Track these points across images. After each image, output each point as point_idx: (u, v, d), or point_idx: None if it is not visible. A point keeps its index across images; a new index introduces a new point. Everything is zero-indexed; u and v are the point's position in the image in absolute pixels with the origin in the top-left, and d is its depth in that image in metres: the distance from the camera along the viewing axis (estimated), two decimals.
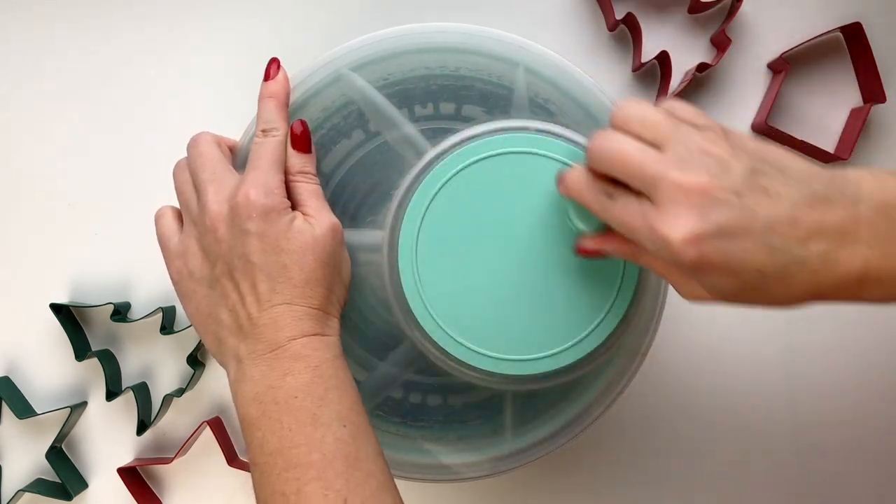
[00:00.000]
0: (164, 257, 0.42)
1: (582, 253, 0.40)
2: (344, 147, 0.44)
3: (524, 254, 0.40)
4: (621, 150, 0.34)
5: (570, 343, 0.40)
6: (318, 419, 0.37)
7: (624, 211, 0.35)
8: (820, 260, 0.32)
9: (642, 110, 0.35)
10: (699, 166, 0.33)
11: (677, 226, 0.32)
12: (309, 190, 0.41)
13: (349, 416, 0.38)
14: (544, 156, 0.40)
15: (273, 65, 0.43)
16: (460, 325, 0.40)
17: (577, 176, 0.37)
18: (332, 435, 0.37)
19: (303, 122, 0.42)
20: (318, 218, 0.40)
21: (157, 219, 0.42)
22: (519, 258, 0.40)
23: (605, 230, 0.38)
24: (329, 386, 0.38)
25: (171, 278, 0.41)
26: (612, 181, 0.35)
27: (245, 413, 0.38)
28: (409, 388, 0.46)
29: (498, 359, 0.40)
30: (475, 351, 0.40)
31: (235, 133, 0.45)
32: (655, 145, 0.34)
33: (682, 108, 0.35)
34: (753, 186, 0.32)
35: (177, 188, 0.42)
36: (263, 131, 0.41)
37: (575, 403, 0.45)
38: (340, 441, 0.37)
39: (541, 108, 0.43)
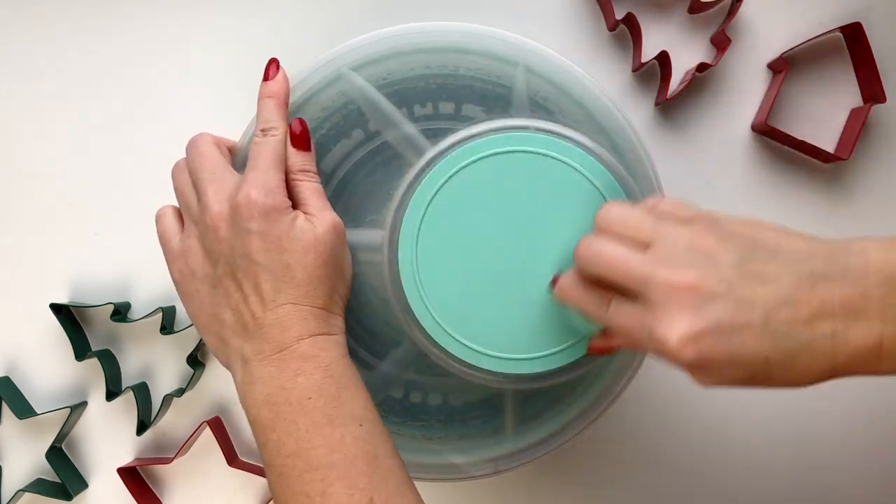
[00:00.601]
0: (166, 257, 0.42)
1: (593, 352, 0.40)
2: (344, 146, 0.44)
3: (524, 252, 0.40)
4: (605, 254, 0.34)
5: (570, 342, 0.40)
6: (334, 419, 0.37)
7: (620, 317, 0.35)
8: (829, 341, 0.31)
9: (623, 211, 0.35)
10: (686, 263, 0.32)
11: (673, 327, 0.32)
12: (310, 188, 0.41)
13: (364, 415, 0.38)
14: (544, 155, 0.40)
15: (272, 65, 0.43)
16: (460, 324, 0.40)
17: (570, 283, 0.37)
18: (350, 434, 0.37)
19: (301, 121, 0.42)
20: (319, 216, 0.40)
21: (158, 218, 0.42)
22: (520, 256, 0.40)
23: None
24: (341, 385, 0.38)
25: (173, 278, 0.41)
26: (605, 285, 0.35)
27: (257, 415, 0.38)
28: (410, 387, 0.46)
29: (498, 358, 0.40)
30: (475, 350, 0.40)
31: (236, 133, 0.45)
32: (641, 245, 0.34)
33: (666, 202, 0.35)
34: (746, 274, 0.32)
35: (176, 188, 0.42)
36: (263, 131, 0.41)
37: (576, 402, 0.45)
38: (359, 440, 0.37)
39: (540, 108, 0.43)
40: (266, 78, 0.43)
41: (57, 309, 0.53)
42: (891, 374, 0.32)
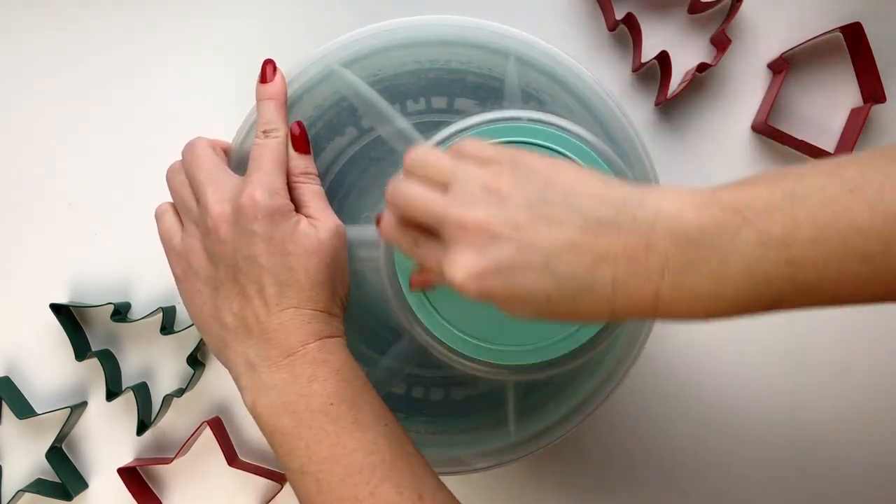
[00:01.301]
0: (168, 256, 0.42)
1: (413, 288, 0.40)
2: (338, 143, 0.44)
3: None
4: (407, 194, 0.35)
5: (569, 331, 0.40)
6: (360, 423, 0.37)
7: (427, 254, 0.35)
8: (609, 286, 0.31)
9: (425, 154, 0.35)
10: (478, 203, 0.32)
11: (458, 264, 0.32)
12: (312, 191, 0.41)
13: (385, 415, 0.39)
14: (537, 145, 0.40)
15: (269, 66, 0.43)
16: (459, 317, 0.40)
17: (387, 223, 0.37)
18: (381, 435, 0.37)
19: (300, 124, 0.42)
20: (322, 220, 0.40)
21: (159, 217, 0.42)
22: None
23: None
24: (356, 388, 0.38)
25: (175, 277, 0.41)
26: (415, 224, 0.35)
27: (277, 424, 0.37)
28: (411, 382, 0.46)
29: (498, 349, 0.40)
30: (474, 342, 0.40)
31: (234, 132, 0.45)
32: (441, 186, 0.34)
33: (469, 144, 0.35)
34: (534, 217, 0.32)
35: (173, 190, 0.42)
36: (265, 132, 0.41)
37: (576, 393, 0.45)
38: (389, 440, 0.37)
39: (533, 98, 0.43)
40: (263, 79, 0.43)
41: (57, 309, 0.53)
42: (666, 321, 0.33)
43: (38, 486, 0.53)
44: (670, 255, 0.31)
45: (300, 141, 0.42)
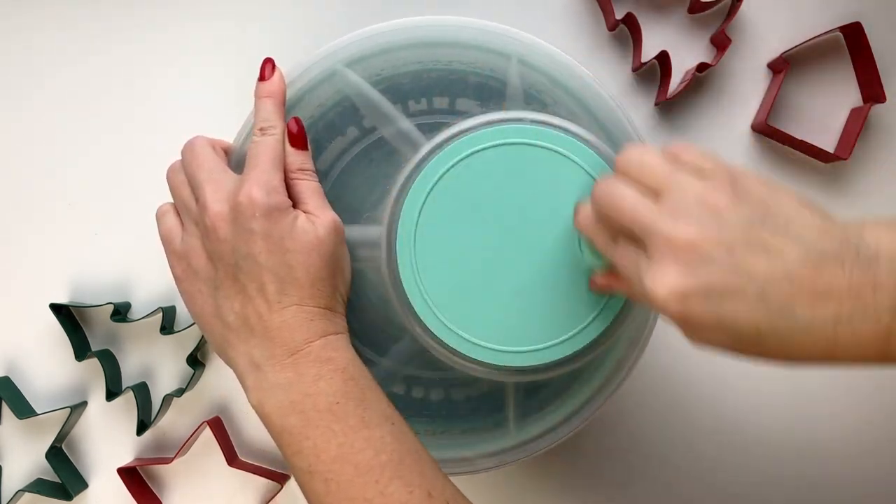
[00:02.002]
0: (168, 257, 0.42)
1: (593, 288, 0.39)
2: (339, 143, 0.44)
3: (522, 244, 0.40)
4: (617, 197, 0.34)
5: (570, 333, 0.40)
6: (368, 421, 0.37)
7: (622, 258, 0.34)
8: (830, 325, 0.29)
9: (643, 155, 0.34)
10: (692, 218, 0.31)
11: (662, 281, 0.31)
12: (310, 187, 0.41)
13: (392, 413, 0.38)
14: (540, 146, 0.40)
15: (268, 64, 0.43)
16: (461, 318, 0.40)
17: (587, 215, 0.37)
18: (388, 434, 0.37)
19: (297, 120, 0.42)
20: (319, 216, 0.40)
21: (160, 217, 0.42)
22: (517, 249, 0.40)
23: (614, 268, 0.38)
24: (363, 386, 0.38)
25: (175, 277, 0.41)
26: (620, 227, 0.35)
27: (284, 423, 0.37)
28: (412, 382, 0.46)
29: (499, 350, 0.40)
30: (475, 343, 0.40)
31: (235, 132, 0.45)
32: (654, 193, 0.33)
33: (688, 151, 0.34)
34: (750, 241, 0.30)
35: (172, 190, 0.42)
36: (261, 130, 0.41)
37: (577, 394, 0.45)
38: (397, 439, 0.37)
39: (535, 100, 0.43)
40: (262, 78, 0.43)
41: (57, 309, 0.53)
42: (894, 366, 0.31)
43: (38, 486, 0.53)
44: None
45: (297, 137, 0.42)
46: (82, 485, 0.55)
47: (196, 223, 0.40)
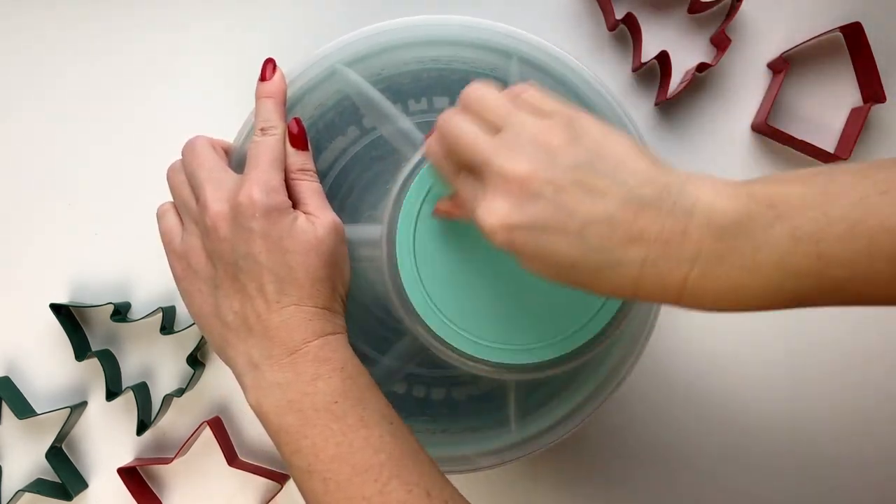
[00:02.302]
0: (168, 256, 0.42)
1: (436, 213, 0.40)
2: (340, 143, 0.44)
3: None
4: (458, 129, 0.35)
5: (571, 330, 0.40)
6: (366, 421, 0.37)
7: (463, 188, 0.35)
8: (637, 266, 0.31)
9: (484, 92, 0.36)
10: (525, 155, 0.33)
11: (492, 211, 0.33)
12: (311, 188, 0.41)
13: (390, 413, 0.39)
14: None
15: (269, 65, 0.43)
16: (461, 316, 0.40)
17: (433, 145, 0.37)
18: (387, 433, 0.37)
19: (298, 121, 0.42)
20: (319, 216, 0.40)
21: (160, 216, 0.42)
22: None
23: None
24: (361, 386, 0.38)
25: (175, 276, 0.41)
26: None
27: (282, 422, 0.37)
28: (413, 381, 0.46)
29: (500, 348, 0.40)
30: (475, 341, 0.40)
31: (235, 132, 0.45)
32: (493, 128, 0.34)
33: (530, 92, 0.35)
34: (578, 182, 0.32)
35: (173, 189, 0.42)
36: (262, 130, 0.41)
37: (578, 392, 0.45)
38: (395, 438, 0.37)
39: None
40: (263, 78, 0.43)
41: (57, 309, 0.53)
42: (686, 308, 0.32)
43: (38, 486, 0.53)
44: (704, 243, 0.31)
45: (298, 137, 0.42)
46: (82, 485, 0.55)
47: (196, 222, 0.40)
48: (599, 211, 0.32)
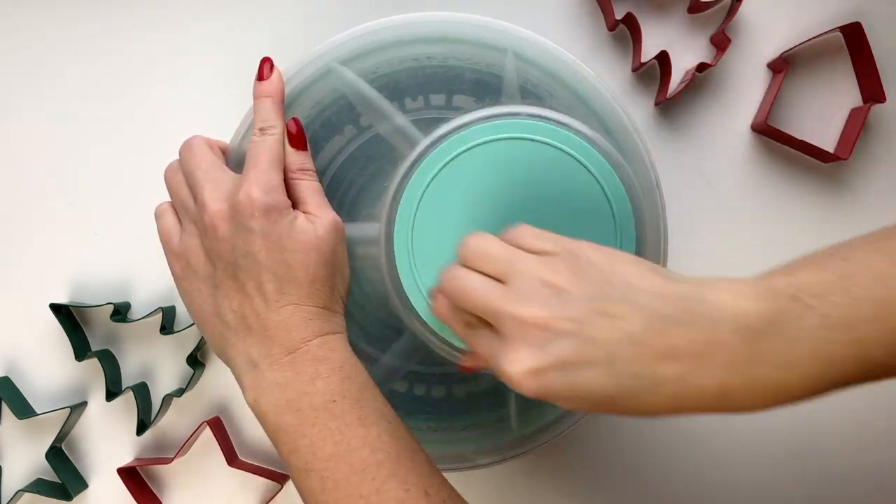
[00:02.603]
0: (167, 256, 0.42)
1: (463, 370, 0.40)
2: (337, 141, 0.45)
3: None
4: (465, 286, 0.35)
5: None
6: (364, 420, 0.37)
7: (480, 342, 0.35)
8: (671, 384, 0.31)
9: (483, 244, 0.35)
10: (536, 299, 0.32)
11: (516, 361, 0.32)
12: (310, 187, 0.41)
13: (389, 412, 0.39)
14: (536, 140, 0.40)
15: (266, 64, 0.43)
16: None
17: (441, 303, 0.37)
18: (385, 432, 0.37)
19: (296, 121, 0.42)
20: (319, 216, 0.40)
21: (158, 216, 0.42)
22: None
23: None
24: (359, 385, 0.38)
25: (174, 276, 0.41)
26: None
27: (280, 422, 0.37)
28: (413, 379, 0.46)
29: None
30: None
31: (234, 132, 0.45)
32: (500, 279, 0.34)
33: (525, 234, 0.35)
34: (595, 312, 0.32)
35: (170, 189, 0.42)
36: (261, 130, 0.41)
37: None
38: (393, 437, 0.37)
39: (531, 94, 0.43)
40: (260, 77, 0.43)
41: (57, 309, 0.53)
42: (734, 413, 0.32)
43: (38, 486, 0.53)
44: (736, 348, 0.30)
45: (296, 137, 0.42)
46: (82, 485, 0.55)
47: (194, 222, 0.40)
48: (623, 335, 0.31)
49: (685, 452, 0.55)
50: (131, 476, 0.54)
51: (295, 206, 0.40)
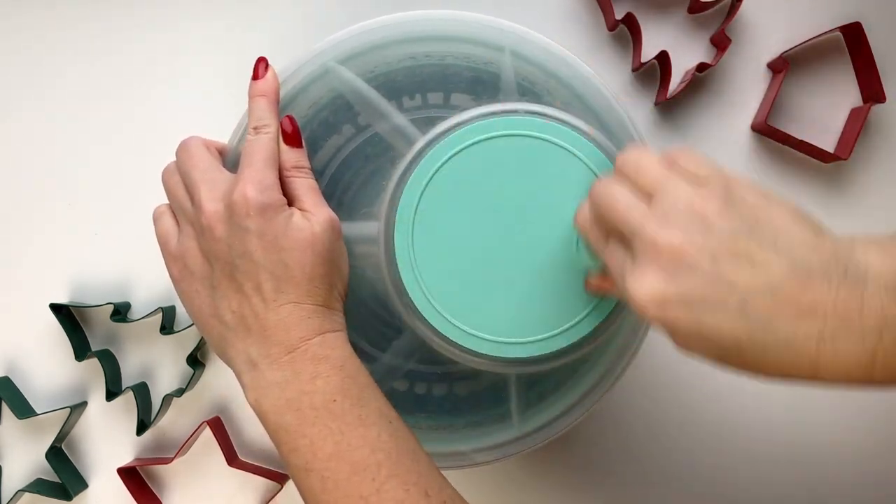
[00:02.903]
0: (165, 258, 0.42)
1: (588, 290, 0.39)
2: (335, 141, 0.44)
3: (520, 236, 0.40)
4: (611, 197, 0.34)
5: (572, 322, 0.40)
6: (364, 419, 0.37)
7: (611, 257, 0.34)
8: (812, 343, 0.29)
9: (639, 157, 0.34)
10: (679, 224, 0.31)
11: (643, 284, 0.31)
12: (305, 185, 0.41)
13: (389, 411, 0.38)
14: (534, 137, 0.40)
15: (261, 63, 0.43)
16: (460, 311, 0.40)
17: (584, 212, 0.37)
18: (385, 432, 0.37)
19: (291, 118, 0.42)
20: (315, 213, 0.40)
21: (156, 219, 0.42)
22: (515, 240, 0.40)
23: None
24: (360, 384, 0.38)
25: (172, 278, 0.41)
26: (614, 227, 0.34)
27: (280, 421, 0.37)
28: (414, 378, 0.46)
29: (500, 342, 0.40)
30: (476, 336, 0.40)
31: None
32: (647, 195, 0.33)
33: (686, 156, 0.33)
34: (736, 251, 0.30)
35: (168, 191, 0.42)
36: (255, 129, 0.41)
37: (578, 385, 0.45)
38: (393, 437, 0.37)
39: (529, 92, 0.43)
40: (255, 77, 0.43)
41: (57, 309, 0.53)
42: (881, 388, 0.29)
43: (38, 486, 0.53)
44: (889, 311, 0.28)
45: (291, 135, 0.42)
46: (82, 485, 0.55)
47: (192, 223, 0.40)
48: (761, 282, 0.29)
49: (686, 451, 0.55)
50: (131, 476, 0.54)
51: (291, 203, 0.40)
